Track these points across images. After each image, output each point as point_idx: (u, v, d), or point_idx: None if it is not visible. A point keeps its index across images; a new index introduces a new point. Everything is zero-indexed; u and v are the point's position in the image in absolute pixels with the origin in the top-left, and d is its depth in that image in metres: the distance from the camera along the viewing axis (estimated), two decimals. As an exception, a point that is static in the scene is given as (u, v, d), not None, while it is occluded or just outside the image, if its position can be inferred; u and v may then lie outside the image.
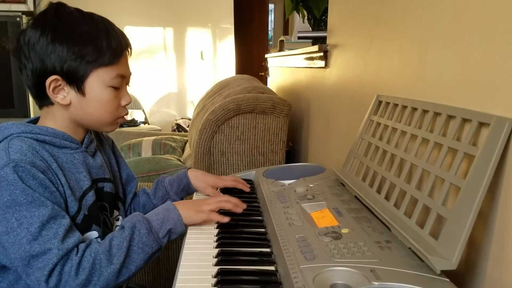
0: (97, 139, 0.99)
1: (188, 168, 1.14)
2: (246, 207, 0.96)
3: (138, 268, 0.81)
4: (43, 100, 0.87)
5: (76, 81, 0.84)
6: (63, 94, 0.85)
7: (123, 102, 0.91)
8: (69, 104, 0.86)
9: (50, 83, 0.83)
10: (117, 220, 1.00)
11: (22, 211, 0.74)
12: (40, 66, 0.83)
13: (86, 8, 0.89)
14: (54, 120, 0.88)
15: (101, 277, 0.76)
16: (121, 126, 3.95)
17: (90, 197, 0.88)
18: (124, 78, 0.90)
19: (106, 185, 0.96)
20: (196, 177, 1.10)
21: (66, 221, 0.77)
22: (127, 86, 0.94)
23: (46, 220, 0.75)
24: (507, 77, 0.58)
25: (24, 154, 0.77)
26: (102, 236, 0.88)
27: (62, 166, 0.84)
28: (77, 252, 0.76)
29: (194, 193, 1.12)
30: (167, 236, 0.86)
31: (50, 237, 0.74)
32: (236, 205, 0.94)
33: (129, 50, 0.91)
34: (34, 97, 0.89)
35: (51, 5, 0.86)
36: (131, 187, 1.09)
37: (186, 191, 1.11)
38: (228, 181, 1.11)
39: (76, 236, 0.78)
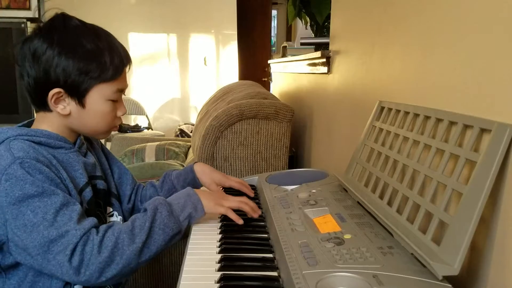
0: (86, 140, 1.02)
1: (195, 162, 1.15)
2: (261, 213, 0.97)
3: (159, 249, 0.84)
4: (41, 107, 0.90)
5: (78, 94, 0.88)
6: (63, 104, 0.88)
7: (119, 113, 0.95)
8: (68, 114, 0.89)
9: (53, 95, 0.86)
10: (111, 216, 1.03)
11: (35, 202, 0.77)
12: (44, 77, 0.86)
13: (91, 15, 0.91)
14: (50, 125, 0.91)
15: (124, 255, 0.78)
16: (125, 131, 3.97)
17: (88, 193, 0.91)
18: (122, 91, 0.93)
19: (98, 183, 0.99)
20: (203, 171, 1.13)
21: (78, 207, 0.81)
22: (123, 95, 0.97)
23: (59, 207, 0.78)
24: (508, 83, 0.58)
25: (27, 152, 0.81)
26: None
27: (60, 163, 0.87)
28: (97, 232, 0.79)
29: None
30: (187, 219, 0.89)
31: (65, 221, 0.77)
32: (253, 209, 0.96)
33: (130, 64, 0.95)
34: (32, 102, 0.92)
35: (57, 16, 0.88)
36: (127, 180, 1.12)
37: (192, 185, 1.11)
38: (234, 182, 1.13)
39: (90, 219, 0.81)
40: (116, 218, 1.03)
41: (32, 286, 0.84)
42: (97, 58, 0.87)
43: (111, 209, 1.03)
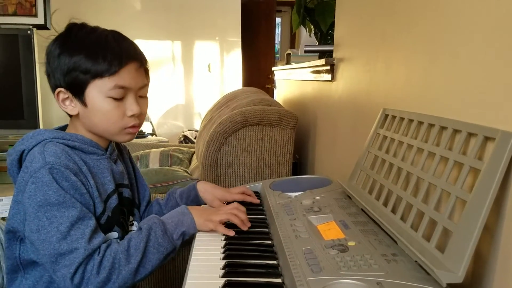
0: (117, 148, 1.04)
1: (198, 180, 1.17)
2: (250, 225, 0.97)
3: (154, 267, 0.85)
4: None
5: (78, 92, 0.89)
6: (71, 105, 0.91)
7: (129, 113, 0.92)
8: (77, 115, 0.92)
9: (58, 95, 0.90)
10: (131, 225, 1.04)
11: (53, 211, 0.79)
12: (52, 79, 0.91)
13: (97, 23, 0.93)
14: (75, 128, 0.94)
15: (120, 275, 0.80)
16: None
17: (114, 200, 0.93)
18: (128, 89, 0.91)
19: (124, 191, 1.01)
20: (205, 189, 1.14)
21: (93, 222, 0.83)
22: (142, 97, 0.96)
23: (74, 220, 0.80)
24: (512, 92, 0.58)
25: (59, 157, 0.83)
26: (121, 238, 0.92)
27: (90, 169, 0.89)
28: (99, 252, 0.80)
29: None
30: (180, 238, 0.90)
31: (78, 237, 0.79)
32: (243, 222, 0.96)
33: (138, 62, 0.92)
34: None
35: (71, 22, 0.92)
36: (145, 196, 1.14)
37: (196, 203, 1.14)
38: (236, 194, 1.13)
39: (100, 237, 0.83)
40: (136, 228, 1.04)
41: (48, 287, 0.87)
42: (89, 54, 0.87)
43: (132, 218, 1.05)
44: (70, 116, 0.95)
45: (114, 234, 0.92)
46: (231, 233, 0.92)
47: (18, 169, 0.87)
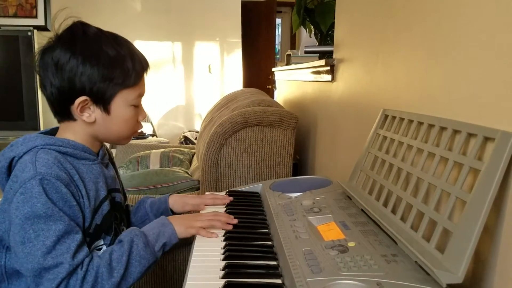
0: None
1: (170, 194, 1.17)
2: (236, 222, 0.97)
3: (135, 279, 0.85)
4: (65, 116, 0.91)
5: (103, 101, 0.89)
6: (88, 112, 0.89)
7: (140, 118, 0.96)
8: (93, 122, 0.90)
9: (79, 103, 0.87)
10: (123, 229, 1.03)
11: (40, 224, 0.77)
12: (68, 86, 0.86)
13: (97, 24, 0.92)
14: (74, 134, 0.91)
15: None
16: (129, 138, 3.97)
17: (106, 206, 0.92)
18: (142, 95, 0.95)
19: (117, 196, 1.00)
20: (175, 201, 1.14)
21: (79, 236, 0.81)
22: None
23: (61, 234, 0.78)
24: None
25: (50, 167, 0.81)
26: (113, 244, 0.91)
27: (82, 177, 0.88)
28: (82, 266, 0.79)
29: None
30: (162, 249, 0.90)
31: (63, 251, 0.77)
32: (226, 223, 0.96)
33: (147, 70, 0.96)
34: (56, 113, 0.92)
35: (76, 24, 0.89)
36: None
37: (166, 215, 1.11)
38: (207, 199, 1.15)
39: (85, 251, 0.81)
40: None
41: None
42: (120, 64, 0.88)
43: (123, 224, 1.04)
44: (61, 121, 0.93)
45: (100, 242, 0.91)
46: (214, 235, 0.93)
47: (7, 177, 0.85)
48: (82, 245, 0.81)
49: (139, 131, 0.99)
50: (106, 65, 0.86)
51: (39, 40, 2.79)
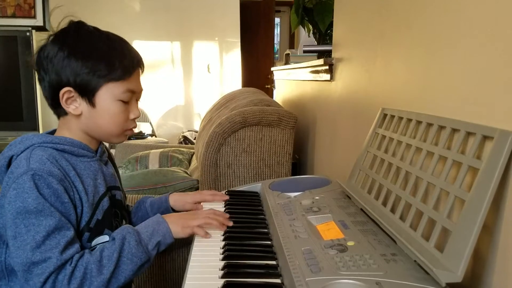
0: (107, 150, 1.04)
1: (170, 193, 1.17)
2: (231, 224, 0.97)
3: (127, 278, 0.84)
4: (59, 110, 0.93)
5: (88, 93, 0.89)
6: (75, 104, 0.90)
7: (132, 116, 0.95)
8: (80, 115, 0.91)
9: (63, 94, 0.89)
10: None
11: (31, 219, 0.78)
12: (56, 78, 0.88)
13: (95, 23, 0.93)
14: (69, 130, 0.93)
15: (91, 286, 0.79)
16: (129, 138, 3.98)
17: (105, 202, 0.93)
18: (134, 93, 0.95)
19: (117, 193, 1.00)
20: (175, 200, 1.14)
21: (70, 233, 0.81)
22: (137, 101, 0.98)
23: (51, 230, 0.79)
24: (511, 91, 0.58)
25: (43, 163, 0.82)
26: None
27: (80, 173, 0.89)
28: (71, 262, 0.79)
29: None
30: (156, 248, 0.89)
31: (52, 247, 0.78)
32: (222, 223, 0.96)
33: (142, 67, 0.96)
34: (51, 107, 0.94)
35: (71, 23, 0.91)
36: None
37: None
38: (206, 195, 1.16)
39: (75, 247, 0.82)
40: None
41: None
42: (106, 58, 0.89)
43: (125, 222, 1.05)
44: (59, 117, 0.94)
45: (105, 238, 0.91)
46: (208, 236, 0.92)
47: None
48: (73, 241, 0.82)
49: (135, 130, 0.99)
50: (91, 58, 0.87)
51: (38, 40, 2.79)
